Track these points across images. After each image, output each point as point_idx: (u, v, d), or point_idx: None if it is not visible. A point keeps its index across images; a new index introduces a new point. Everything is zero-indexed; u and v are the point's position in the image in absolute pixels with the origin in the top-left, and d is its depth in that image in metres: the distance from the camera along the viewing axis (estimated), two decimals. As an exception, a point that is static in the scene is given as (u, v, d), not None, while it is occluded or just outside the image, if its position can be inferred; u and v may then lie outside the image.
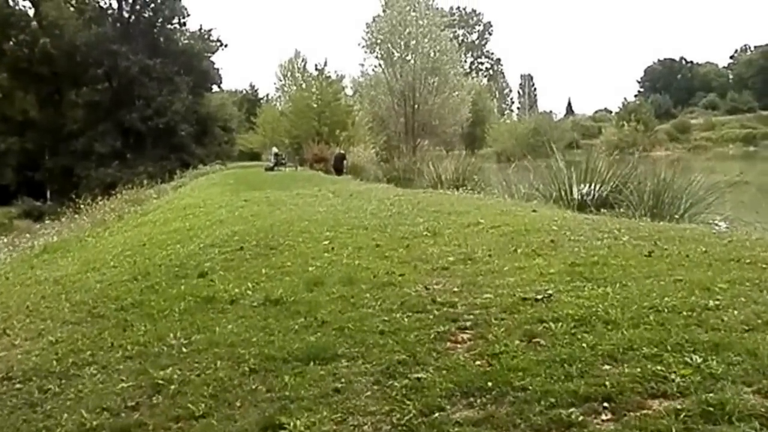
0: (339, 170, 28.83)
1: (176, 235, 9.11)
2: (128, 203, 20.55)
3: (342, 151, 30.90)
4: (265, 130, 56.76)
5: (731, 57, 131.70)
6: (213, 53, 51.15)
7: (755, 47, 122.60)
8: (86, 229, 13.39)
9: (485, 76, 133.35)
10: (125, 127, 44.08)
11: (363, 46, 27.77)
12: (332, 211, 9.65)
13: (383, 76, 27.75)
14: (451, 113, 27.36)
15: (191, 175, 37.57)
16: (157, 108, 44.00)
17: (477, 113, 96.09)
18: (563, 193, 12.52)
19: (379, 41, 26.86)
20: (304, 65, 53.31)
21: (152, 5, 46.40)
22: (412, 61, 26.55)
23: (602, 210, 11.10)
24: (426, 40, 26.00)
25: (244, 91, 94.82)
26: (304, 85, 52.03)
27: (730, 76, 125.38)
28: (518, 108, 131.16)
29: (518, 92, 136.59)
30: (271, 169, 32.31)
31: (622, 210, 10.85)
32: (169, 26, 48.07)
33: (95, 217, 15.91)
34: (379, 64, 27.69)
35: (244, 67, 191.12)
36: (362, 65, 29.19)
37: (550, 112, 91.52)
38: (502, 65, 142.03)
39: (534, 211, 8.85)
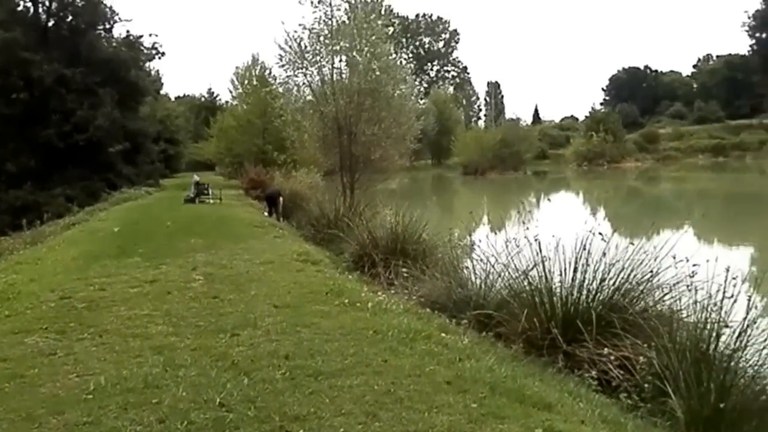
0: (272, 209, 24.41)
1: None
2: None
3: (276, 189, 26.24)
4: (219, 141, 52.16)
5: (694, 66, 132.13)
6: (145, 62, 46.30)
7: (717, 56, 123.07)
8: None
9: (452, 85, 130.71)
10: (40, 144, 38.87)
11: (284, 63, 22.78)
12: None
13: (312, 100, 22.93)
14: (395, 144, 22.67)
15: (111, 201, 33.28)
16: (77, 123, 38.88)
17: (443, 123, 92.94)
18: (539, 302, 8.06)
19: (304, 56, 21.99)
20: (263, 74, 48.64)
21: (71, 8, 41.19)
22: (347, 81, 21.86)
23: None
24: (364, 55, 21.34)
25: (202, 98, 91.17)
26: (250, 98, 47.56)
27: (694, 85, 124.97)
28: (485, 116, 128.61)
29: (485, 100, 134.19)
30: (192, 200, 27.64)
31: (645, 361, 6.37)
32: (94, 32, 42.91)
33: None
34: (307, 83, 22.77)
35: (206, 71, 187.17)
36: (285, 83, 24.09)
37: (518, 119, 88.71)
38: (468, 73, 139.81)
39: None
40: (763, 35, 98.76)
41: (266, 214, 24.44)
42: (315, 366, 5.71)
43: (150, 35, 45.74)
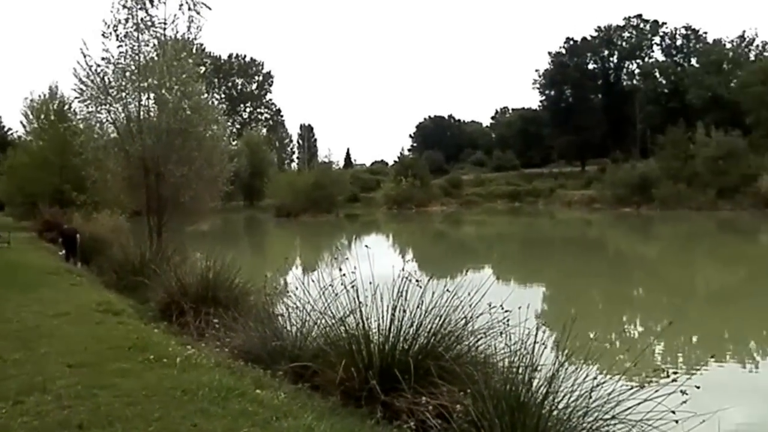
0: (69, 253, 22.46)
1: None
2: None
3: (73, 227, 24.36)
4: (9, 179, 47.35)
5: (493, 117, 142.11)
6: None
7: (513, 110, 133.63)
8: None
9: (265, 126, 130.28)
10: None
11: (86, 98, 21.26)
12: None
13: (117, 138, 21.60)
14: (206, 186, 21.90)
15: None
16: None
17: (256, 165, 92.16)
18: (356, 350, 7.86)
19: (107, 91, 20.72)
20: (63, 108, 44.99)
21: None
22: (156, 120, 20.89)
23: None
24: (173, 93, 20.54)
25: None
26: (46, 133, 44.06)
27: (493, 135, 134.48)
28: (298, 158, 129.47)
29: (298, 142, 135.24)
30: (-24, 245, 24.97)
31: None
32: None
33: None
34: (111, 121, 21.40)
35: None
36: (86, 119, 22.41)
37: (330, 162, 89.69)
38: (282, 116, 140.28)
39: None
40: (552, 93, 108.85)
41: (63, 258, 22.52)
42: (114, 436, 5.12)
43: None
